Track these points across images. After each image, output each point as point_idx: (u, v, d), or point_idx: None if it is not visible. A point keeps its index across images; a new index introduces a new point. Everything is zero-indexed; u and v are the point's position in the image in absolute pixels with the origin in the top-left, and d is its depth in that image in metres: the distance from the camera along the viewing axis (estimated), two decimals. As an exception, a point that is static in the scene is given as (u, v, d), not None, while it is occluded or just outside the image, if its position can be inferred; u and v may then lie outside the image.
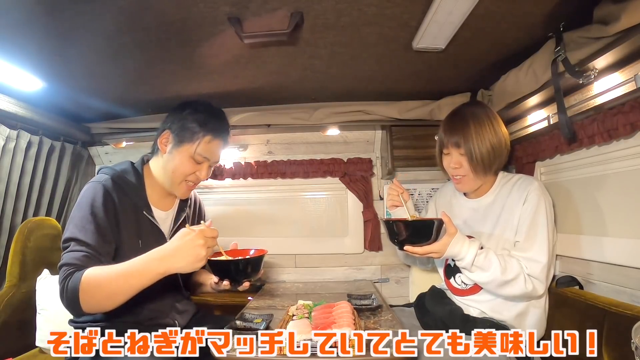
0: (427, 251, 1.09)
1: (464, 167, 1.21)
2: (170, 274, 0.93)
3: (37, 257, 1.51)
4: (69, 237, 0.99)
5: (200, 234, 0.93)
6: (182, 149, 1.17)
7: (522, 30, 1.11)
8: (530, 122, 1.48)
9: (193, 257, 0.91)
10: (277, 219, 2.02)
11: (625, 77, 1.02)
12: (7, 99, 1.41)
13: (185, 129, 1.18)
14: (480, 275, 1.12)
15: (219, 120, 1.23)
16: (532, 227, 1.14)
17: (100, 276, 0.92)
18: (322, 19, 1.04)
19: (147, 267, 0.92)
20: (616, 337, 0.96)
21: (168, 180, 1.20)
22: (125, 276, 0.91)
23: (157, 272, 0.92)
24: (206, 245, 0.93)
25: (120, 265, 0.93)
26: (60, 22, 0.99)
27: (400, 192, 1.29)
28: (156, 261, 0.92)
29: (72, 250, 0.97)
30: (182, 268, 0.92)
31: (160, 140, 1.20)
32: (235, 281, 1.09)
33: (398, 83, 1.55)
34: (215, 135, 1.20)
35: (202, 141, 1.17)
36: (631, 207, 1.07)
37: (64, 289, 0.92)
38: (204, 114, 1.20)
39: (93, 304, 0.93)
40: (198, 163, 1.19)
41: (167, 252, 0.92)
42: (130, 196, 1.13)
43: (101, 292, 0.91)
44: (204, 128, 1.18)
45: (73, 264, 0.95)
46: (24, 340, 1.44)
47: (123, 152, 2.01)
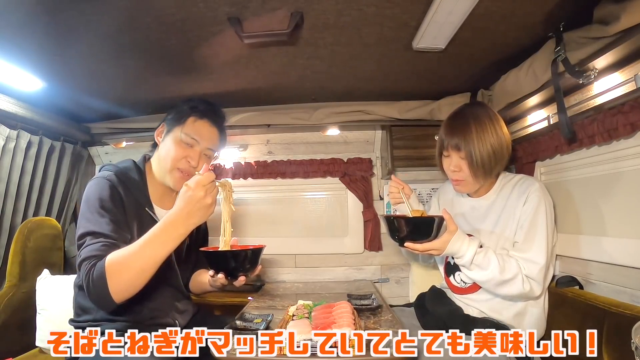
0: (427, 248, 1.09)
1: (463, 171, 1.20)
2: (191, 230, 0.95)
3: (37, 257, 1.51)
4: (84, 233, 0.98)
5: (197, 186, 0.92)
6: (172, 134, 1.18)
7: (522, 30, 1.11)
8: (530, 122, 1.48)
9: (203, 210, 0.94)
10: (277, 219, 2.02)
11: (625, 77, 1.02)
12: (7, 99, 1.41)
13: (178, 114, 1.20)
14: (478, 273, 1.12)
15: (209, 105, 1.24)
16: (532, 228, 1.14)
17: (123, 256, 0.91)
18: (322, 19, 1.04)
19: (166, 236, 0.92)
20: (616, 337, 0.96)
21: (162, 170, 1.18)
22: (150, 248, 0.91)
23: (178, 234, 0.93)
24: (208, 193, 0.94)
25: (139, 242, 0.92)
26: (60, 22, 0.99)
27: (400, 188, 1.26)
28: (172, 227, 0.93)
29: (89, 244, 0.96)
30: (197, 223, 0.95)
31: (157, 133, 1.23)
32: (230, 274, 1.06)
33: (398, 83, 1.55)
34: (202, 115, 1.20)
35: (188, 121, 1.18)
36: (631, 207, 1.07)
37: (90, 281, 0.90)
38: (196, 101, 1.23)
39: (122, 287, 0.91)
40: (188, 146, 1.17)
41: (178, 216, 0.92)
42: (133, 193, 1.13)
43: (129, 271, 0.90)
44: (192, 110, 1.20)
45: (93, 256, 0.93)
46: (24, 340, 1.44)
47: (123, 152, 2.01)
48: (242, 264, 1.04)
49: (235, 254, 1.04)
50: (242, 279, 1.08)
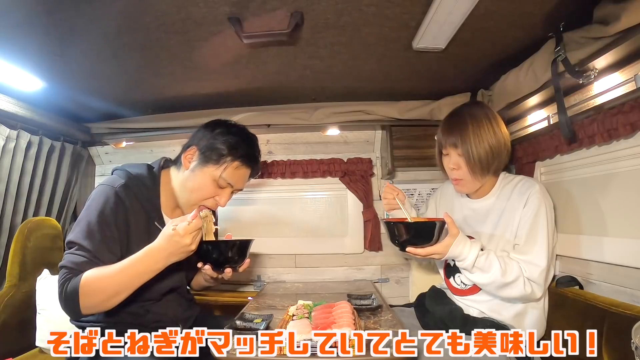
0: (429, 252, 1.08)
1: (462, 169, 1.20)
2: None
3: (37, 257, 1.51)
4: (74, 241, 0.98)
5: (185, 233, 0.94)
6: (207, 169, 1.10)
7: (522, 30, 1.11)
8: (530, 122, 1.48)
9: (185, 254, 0.97)
10: (277, 219, 2.02)
11: (625, 77, 1.02)
12: (7, 99, 1.41)
13: (214, 149, 1.11)
14: (480, 276, 1.12)
15: (251, 147, 1.16)
16: (532, 230, 1.14)
17: (99, 279, 0.93)
18: (322, 19, 1.04)
19: (144, 266, 0.96)
20: (616, 337, 0.96)
21: (185, 198, 1.14)
22: (126, 275, 0.95)
23: (156, 268, 0.97)
24: (193, 240, 0.96)
25: (118, 266, 0.95)
26: (60, 22, 0.99)
27: (395, 195, 1.27)
28: (151, 260, 0.96)
29: (74, 254, 0.97)
30: (176, 260, 0.98)
31: (185, 155, 1.13)
32: (215, 265, 1.07)
33: (398, 83, 1.55)
34: (244, 162, 1.13)
35: (230, 166, 1.11)
36: (631, 207, 1.07)
37: (63, 292, 0.93)
38: (236, 137, 1.13)
39: (92, 305, 0.94)
40: (220, 187, 1.13)
41: (159, 254, 0.96)
42: (143, 204, 1.09)
43: (102, 294, 0.93)
44: (234, 152, 1.11)
45: (73, 268, 0.95)
46: (24, 340, 1.44)
47: (123, 152, 2.01)
48: (227, 255, 1.07)
49: (219, 244, 1.07)
50: (229, 272, 1.09)
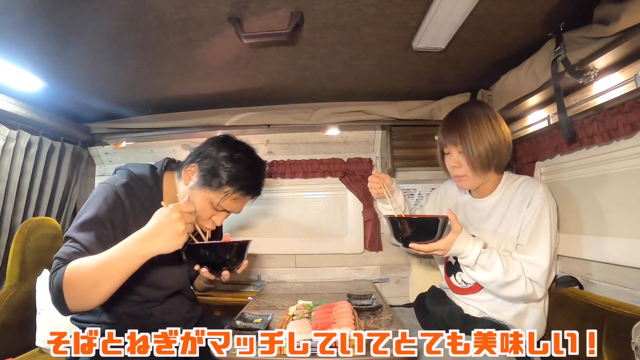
0: (432, 249, 1.08)
1: (463, 166, 1.21)
2: (152, 256, 0.88)
3: (37, 257, 1.51)
4: (70, 236, 0.98)
5: (175, 208, 0.88)
6: (205, 193, 1.08)
7: (522, 30, 1.11)
8: (530, 122, 1.48)
9: (171, 234, 0.86)
10: (277, 219, 2.02)
11: (625, 77, 1.02)
12: (7, 99, 1.41)
13: (214, 174, 1.07)
14: (482, 274, 1.12)
15: (253, 178, 1.13)
16: (535, 231, 1.13)
17: (83, 266, 0.88)
18: (322, 19, 1.04)
19: (127, 252, 0.87)
20: (616, 337, 0.96)
21: None
22: (108, 263, 0.87)
23: (138, 255, 0.87)
24: (183, 220, 0.87)
25: (102, 254, 0.89)
26: (60, 22, 0.99)
27: (381, 184, 1.21)
28: (135, 245, 0.87)
29: (67, 245, 0.96)
30: (162, 248, 0.87)
31: (186, 170, 1.11)
32: (212, 268, 1.03)
33: (398, 83, 1.56)
34: (245, 193, 1.11)
35: (229, 197, 1.09)
36: (631, 207, 1.07)
37: (51, 283, 0.90)
38: (239, 166, 1.09)
39: (76, 296, 0.87)
40: (217, 211, 1.11)
41: (145, 234, 0.87)
42: (145, 204, 1.07)
43: (84, 282, 0.87)
44: (234, 184, 1.08)
45: (63, 259, 0.92)
46: (24, 340, 1.44)
47: (123, 152, 2.01)
48: (224, 257, 1.03)
49: (215, 247, 1.03)
50: (226, 274, 1.05)
